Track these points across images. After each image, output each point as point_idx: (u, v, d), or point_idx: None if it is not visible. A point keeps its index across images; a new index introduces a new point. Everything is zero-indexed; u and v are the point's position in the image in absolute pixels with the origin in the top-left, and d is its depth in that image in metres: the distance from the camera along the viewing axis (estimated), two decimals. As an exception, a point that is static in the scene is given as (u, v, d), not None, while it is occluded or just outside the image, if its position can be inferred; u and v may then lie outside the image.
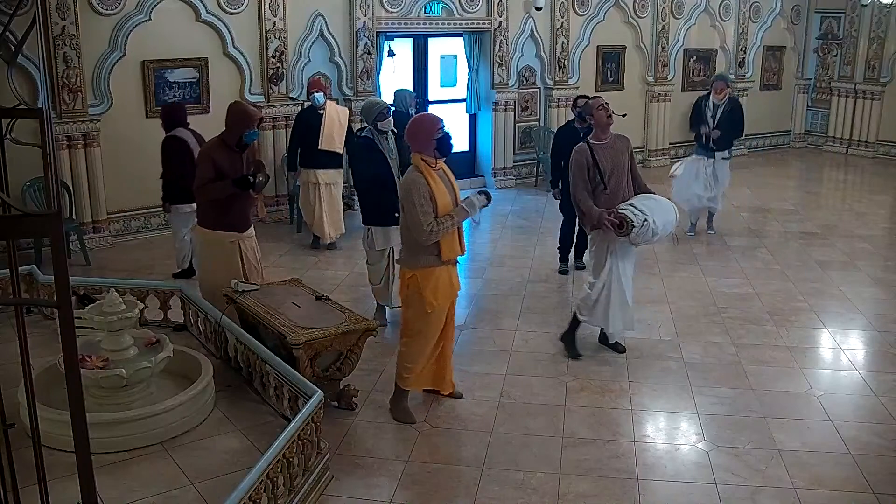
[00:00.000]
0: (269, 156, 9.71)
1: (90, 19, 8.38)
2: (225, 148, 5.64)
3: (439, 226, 4.70)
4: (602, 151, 5.66)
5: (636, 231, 5.44)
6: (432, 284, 4.82)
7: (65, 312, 2.20)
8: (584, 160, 5.63)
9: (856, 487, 4.37)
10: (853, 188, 12.85)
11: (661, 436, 4.96)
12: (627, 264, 5.84)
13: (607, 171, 5.63)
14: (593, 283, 5.86)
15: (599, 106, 5.72)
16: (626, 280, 5.82)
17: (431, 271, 4.82)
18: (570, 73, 12.09)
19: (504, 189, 11.66)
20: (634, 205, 5.54)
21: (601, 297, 5.80)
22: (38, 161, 2.30)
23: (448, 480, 4.45)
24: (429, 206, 4.69)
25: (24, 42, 2.62)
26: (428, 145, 4.79)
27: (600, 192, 5.63)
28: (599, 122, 5.72)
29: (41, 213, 2.17)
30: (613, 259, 5.75)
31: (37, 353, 3.86)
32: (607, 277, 5.76)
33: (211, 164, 5.57)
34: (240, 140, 5.64)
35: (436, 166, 4.84)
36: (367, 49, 10.13)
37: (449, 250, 4.83)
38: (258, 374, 4.95)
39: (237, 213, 5.72)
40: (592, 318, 5.93)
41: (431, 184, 4.75)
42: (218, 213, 5.66)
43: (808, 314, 6.95)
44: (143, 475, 4.19)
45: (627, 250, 5.78)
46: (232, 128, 5.66)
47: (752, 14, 14.03)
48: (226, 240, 5.71)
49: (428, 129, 4.82)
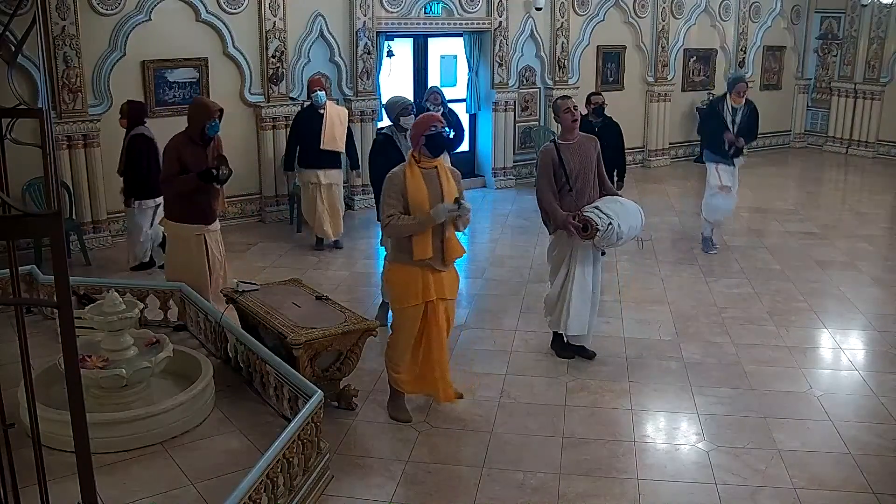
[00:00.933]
0: (269, 155, 9.71)
1: (90, 19, 8.38)
2: (189, 142, 5.85)
3: (399, 222, 4.66)
4: (569, 152, 5.57)
5: (600, 234, 5.36)
6: (399, 282, 4.82)
7: (65, 312, 2.20)
8: (551, 160, 5.55)
9: (856, 487, 4.37)
10: (853, 188, 12.85)
11: (661, 436, 4.96)
12: (588, 269, 5.73)
13: (574, 172, 5.54)
14: (552, 285, 5.84)
15: (566, 109, 5.60)
16: (584, 284, 5.71)
17: (401, 268, 4.81)
18: (570, 73, 12.09)
19: (504, 189, 11.67)
20: (599, 207, 5.45)
21: (559, 300, 5.76)
22: (38, 161, 2.30)
23: (448, 480, 4.45)
24: (396, 201, 4.67)
25: (24, 42, 2.62)
26: (417, 141, 4.80)
27: (566, 193, 5.55)
28: (565, 124, 5.63)
29: (41, 213, 2.16)
30: (573, 262, 5.67)
31: (37, 353, 3.86)
32: (563, 282, 5.71)
33: (176, 159, 5.79)
34: (203, 133, 5.83)
35: (424, 164, 4.78)
36: (367, 49, 10.13)
37: (419, 251, 4.72)
38: (258, 374, 4.95)
39: (202, 205, 5.92)
40: (551, 318, 5.90)
41: (408, 180, 4.70)
42: (184, 206, 5.88)
43: (808, 314, 6.95)
44: (143, 475, 4.19)
45: (589, 255, 5.70)
46: (193, 122, 5.87)
47: (752, 14, 14.03)
48: (192, 232, 5.94)
49: (419, 127, 4.83)
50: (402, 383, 5.03)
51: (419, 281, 4.79)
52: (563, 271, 5.73)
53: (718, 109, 8.40)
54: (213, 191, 5.96)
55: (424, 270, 4.79)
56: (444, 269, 4.86)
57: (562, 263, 5.74)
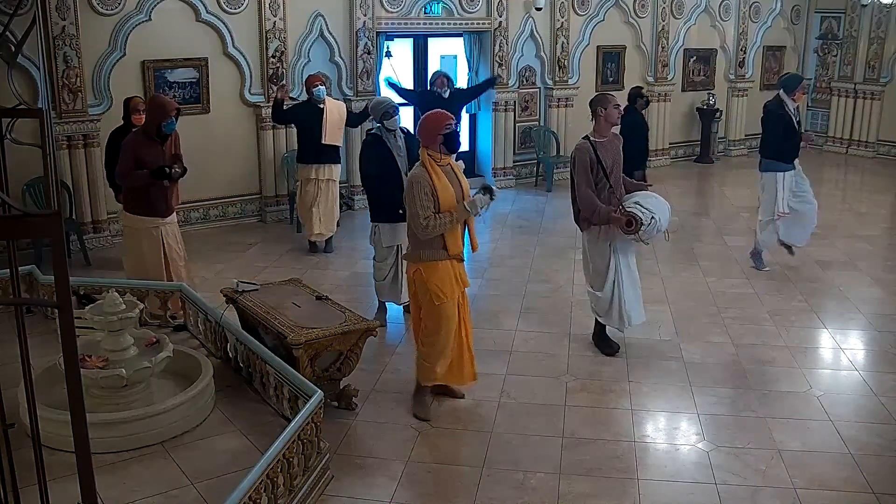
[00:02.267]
0: (269, 155, 9.71)
1: (90, 19, 8.38)
2: (146, 139, 6.02)
3: (436, 221, 4.74)
4: (603, 148, 5.69)
5: (645, 228, 5.48)
6: (437, 278, 4.87)
7: (65, 313, 2.20)
8: (588, 158, 5.64)
9: (856, 487, 4.36)
10: (853, 188, 12.84)
11: (661, 436, 4.96)
12: (630, 258, 5.89)
13: (609, 168, 5.66)
14: (601, 284, 5.86)
15: (616, 104, 5.76)
16: (632, 273, 5.89)
17: (435, 265, 4.87)
18: (570, 73, 12.09)
19: (504, 189, 11.65)
20: (640, 203, 5.58)
21: (614, 296, 5.82)
22: (38, 161, 2.30)
23: (448, 480, 4.45)
24: (429, 201, 4.73)
25: (24, 42, 2.62)
26: (434, 140, 4.85)
27: (604, 189, 5.65)
28: (610, 119, 5.74)
29: (41, 213, 2.16)
30: (616, 256, 5.77)
31: (37, 353, 3.85)
32: (615, 276, 5.79)
33: (132, 155, 5.97)
34: (159, 130, 5.98)
35: (441, 162, 4.88)
36: (367, 49, 10.12)
37: (454, 245, 4.89)
38: (258, 374, 4.95)
39: (157, 200, 6.11)
40: (610, 319, 5.96)
41: (434, 179, 4.78)
42: (140, 200, 6.09)
43: (808, 314, 6.95)
44: (143, 475, 4.19)
45: (627, 245, 5.81)
46: (150, 119, 6.07)
47: (752, 14, 14.03)
48: (147, 225, 6.12)
49: (436, 125, 4.87)
50: (438, 376, 5.09)
51: (453, 274, 4.93)
52: (611, 269, 5.80)
53: (784, 113, 7.70)
54: (168, 187, 6.13)
55: (454, 263, 4.94)
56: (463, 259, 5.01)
57: (607, 261, 5.81)
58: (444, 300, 4.89)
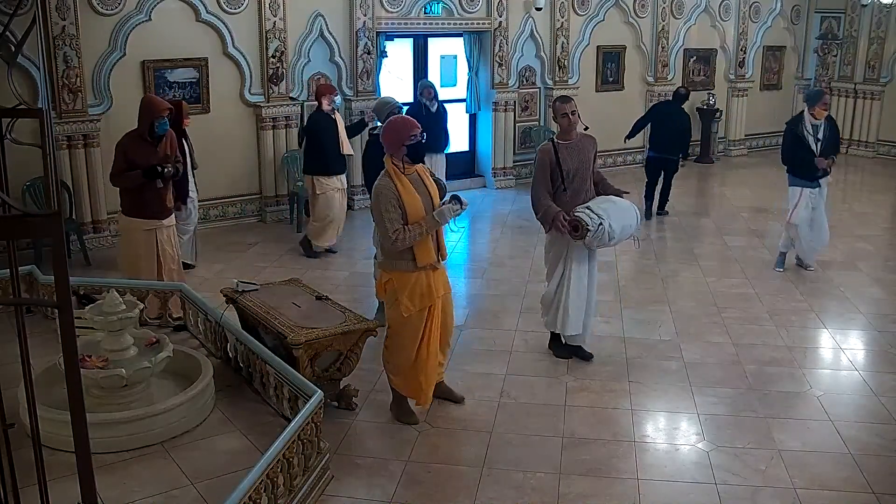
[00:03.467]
0: (269, 155, 9.71)
1: (90, 19, 8.38)
2: (138, 139, 6.00)
3: (405, 234, 4.59)
4: (567, 151, 5.56)
5: (591, 234, 5.34)
6: (408, 289, 4.74)
7: (65, 313, 2.20)
8: (548, 159, 5.53)
9: (856, 487, 4.36)
10: (853, 188, 12.84)
11: (661, 436, 4.96)
12: (584, 269, 5.71)
13: (570, 172, 5.52)
14: (548, 285, 5.82)
15: (563, 114, 5.54)
16: (580, 284, 5.69)
17: (407, 276, 4.73)
18: (570, 73, 12.09)
19: (504, 189, 11.66)
20: (591, 208, 5.42)
21: (554, 300, 5.75)
22: (38, 161, 2.30)
23: (448, 480, 4.45)
24: (396, 213, 4.59)
25: (24, 42, 2.62)
26: (398, 150, 4.68)
27: (560, 193, 5.53)
28: (561, 127, 5.62)
29: (41, 213, 2.16)
30: (567, 263, 5.66)
31: (37, 353, 3.85)
32: (560, 281, 5.70)
33: (124, 155, 5.97)
34: (151, 131, 5.97)
35: (407, 171, 4.72)
36: (367, 49, 10.12)
37: (423, 256, 4.72)
38: (258, 374, 4.95)
39: (152, 201, 6.08)
40: (548, 318, 5.88)
41: (400, 189, 4.63)
42: (134, 201, 6.08)
43: (808, 314, 6.95)
44: (143, 475, 4.19)
45: (584, 255, 5.68)
46: (141, 119, 6.02)
47: (752, 14, 14.03)
48: (142, 227, 6.10)
49: (399, 134, 4.70)
50: (398, 386, 5.02)
51: (424, 284, 4.77)
52: (559, 271, 5.72)
53: (799, 133, 7.62)
54: (163, 188, 6.10)
55: (427, 272, 4.78)
56: (439, 266, 4.88)
57: (558, 263, 5.73)
58: (412, 312, 4.77)
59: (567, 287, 5.67)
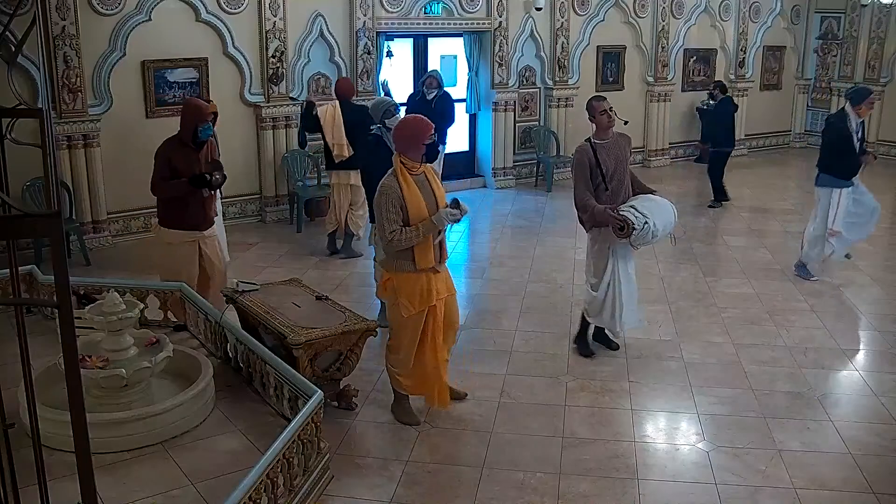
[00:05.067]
0: (269, 156, 9.72)
1: (90, 19, 8.38)
2: (181, 146, 5.67)
3: (402, 235, 4.59)
4: (604, 151, 5.64)
5: (637, 233, 5.42)
6: (408, 290, 4.74)
7: (65, 312, 2.20)
8: (587, 160, 5.60)
9: (856, 487, 4.37)
10: (853, 188, 12.82)
11: (661, 436, 4.96)
12: (629, 263, 5.85)
13: (609, 171, 5.61)
14: (596, 285, 5.85)
15: (602, 111, 5.64)
16: (629, 278, 5.84)
17: (407, 277, 4.73)
18: (570, 73, 12.09)
19: (504, 189, 11.66)
20: (635, 207, 5.51)
21: (607, 298, 5.80)
22: (38, 161, 2.30)
23: (448, 480, 4.45)
24: (395, 215, 4.59)
25: (24, 42, 2.62)
26: (417, 149, 4.70)
27: (601, 193, 5.61)
28: (601, 125, 5.68)
29: (41, 213, 2.16)
30: (614, 259, 5.75)
31: (37, 353, 3.85)
32: (611, 278, 5.77)
33: (167, 162, 5.62)
34: (195, 136, 5.65)
35: (416, 171, 4.73)
36: (367, 49, 10.13)
37: (423, 259, 4.71)
38: (258, 374, 4.95)
39: (195, 211, 5.74)
40: (601, 320, 5.94)
41: (405, 190, 4.62)
42: (176, 211, 5.72)
43: (808, 314, 6.95)
44: (143, 475, 4.18)
45: (627, 249, 5.78)
46: (185, 124, 5.68)
47: (752, 14, 14.03)
48: (184, 238, 5.78)
49: (421, 133, 4.70)
50: (406, 387, 5.02)
51: (424, 286, 4.75)
52: (608, 270, 5.78)
53: (844, 128, 7.35)
54: (207, 196, 5.78)
55: (427, 274, 4.77)
56: (441, 269, 4.87)
57: (604, 262, 5.78)
58: (411, 313, 4.76)
59: (617, 284, 5.76)
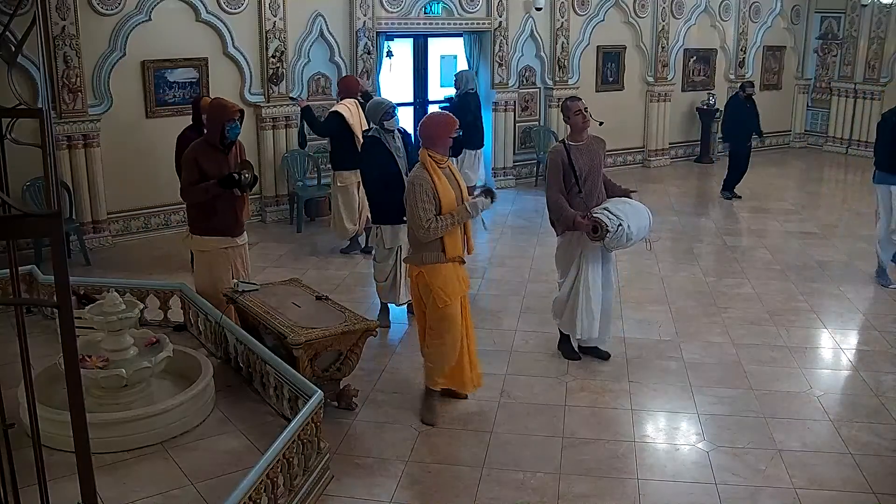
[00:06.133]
0: (269, 156, 9.71)
1: (90, 19, 8.38)
2: (209, 148, 5.49)
3: (438, 223, 4.75)
4: (578, 153, 5.56)
5: (610, 236, 5.35)
6: (440, 280, 4.86)
7: (65, 312, 2.20)
8: (560, 161, 5.54)
9: (856, 487, 4.37)
10: (853, 188, 12.83)
11: (661, 436, 4.96)
12: (598, 271, 5.71)
13: (583, 174, 5.53)
14: (560, 284, 5.82)
15: (577, 111, 5.56)
16: (596, 289, 5.69)
17: (437, 268, 4.87)
18: (570, 73, 12.09)
19: (504, 189, 11.65)
20: (609, 209, 5.43)
21: (568, 302, 5.75)
22: (38, 161, 2.30)
23: (448, 480, 4.45)
24: (430, 204, 4.74)
25: (24, 42, 2.62)
26: (444, 143, 4.89)
27: (575, 195, 5.53)
28: (575, 126, 5.60)
29: (41, 213, 2.16)
30: (582, 264, 5.66)
31: (37, 353, 3.85)
32: (573, 282, 5.69)
33: (195, 166, 5.43)
34: (223, 137, 5.46)
35: (442, 164, 4.91)
36: (367, 49, 10.13)
37: (453, 248, 4.89)
38: (258, 374, 4.95)
39: (227, 216, 5.55)
40: (561, 321, 5.87)
41: (436, 181, 4.79)
42: (207, 217, 5.53)
43: (808, 314, 6.95)
44: (143, 475, 4.19)
45: (598, 257, 5.68)
46: (211, 125, 5.50)
47: (752, 14, 14.03)
48: (218, 246, 5.63)
49: (447, 128, 4.91)
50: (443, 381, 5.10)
51: (455, 276, 4.92)
52: (572, 273, 5.72)
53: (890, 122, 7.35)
54: (238, 200, 5.58)
55: (456, 265, 4.93)
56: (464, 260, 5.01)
57: (571, 265, 5.72)
58: (449, 302, 4.88)
59: (581, 290, 5.66)
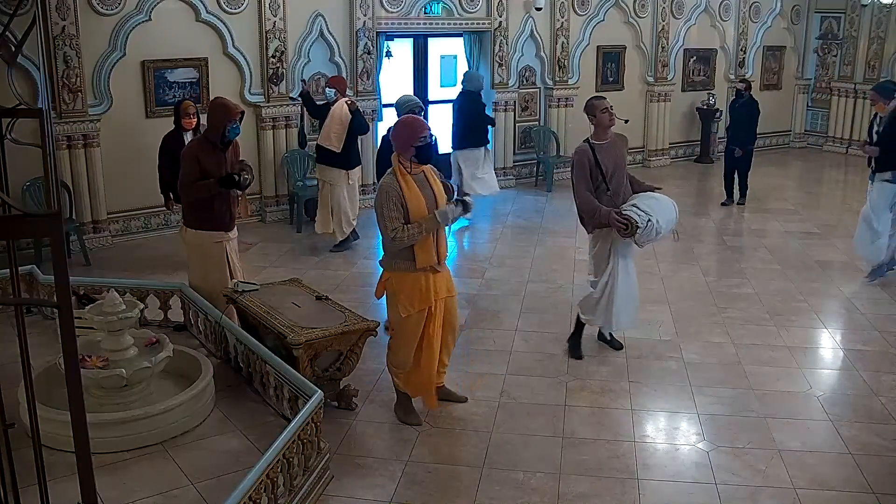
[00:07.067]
0: (269, 155, 9.71)
1: (90, 19, 8.38)
2: (209, 146, 5.60)
3: (404, 232, 4.59)
4: (603, 151, 5.64)
5: (640, 232, 5.42)
6: (407, 290, 4.74)
7: (65, 312, 2.20)
8: (586, 160, 5.60)
9: (856, 487, 4.37)
10: (853, 188, 12.82)
11: (661, 436, 4.96)
12: (630, 261, 5.85)
13: (609, 171, 5.61)
14: (595, 283, 5.86)
15: (604, 109, 5.65)
16: (630, 277, 5.84)
17: (406, 276, 4.73)
18: (570, 73, 12.09)
19: (504, 189, 11.64)
20: (637, 205, 5.52)
21: (604, 296, 5.80)
22: (38, 161, 2.30)
23: (448, 480, 4.45)
24: (397, 212, 4.59)
25: (24, 42, 2.62)
26: (407, 151, 4.69)
27: (602, 193, 5.61)
28: (602, 123, 5.66)
29: (41, 213, 2.17)
30: (616, 258, 5.74)
31: (37, 353, 3.85)
32: (609, 276, 5.76)
33: (196, 164, 5.54)
34: (223, 136, 5.57)
35: (413, 171, 4.72)
36: (367, 49, 10.13)
37: (424, 257, 4.70)
38: (258, 374, 4.95)
39: (221, 212, 5.71)
40: (595, 317, 5.92)
41: (404, 189, 4.63)
42: (202, 212, 5.66)
43: (808, 314, 6.95)
44: (143, 475, 4.19)
45: (628, 248, 5.78)
46: (213, 124, 5.60)
47: (752, 14, 14.03)
48: (212, 240, 5.73)
49: (410, 134, 4.69)
50: (405, 387, 5.02)
51: (423, 286, 4.75)
52: (607, 271, 5.77)
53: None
54: (232, 197, 5.75)
55: (427, 274, 4.76)
56: (441, 269, 4.86)
57: (605, 261, 5.78)
58: (410, 313, 4.75)
59: (616, 283, 5.74)
